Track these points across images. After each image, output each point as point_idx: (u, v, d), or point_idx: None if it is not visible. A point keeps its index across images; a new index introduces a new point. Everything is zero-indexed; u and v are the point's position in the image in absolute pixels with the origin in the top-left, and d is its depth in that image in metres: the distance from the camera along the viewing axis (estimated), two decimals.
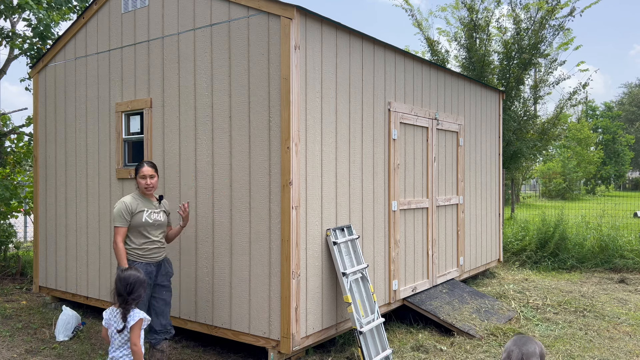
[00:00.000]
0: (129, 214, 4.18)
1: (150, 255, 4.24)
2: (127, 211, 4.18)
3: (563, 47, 13.44)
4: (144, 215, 4.22)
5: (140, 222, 4.20)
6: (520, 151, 13.39)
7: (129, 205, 4.20)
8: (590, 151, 34.49)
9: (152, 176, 4.31)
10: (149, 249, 4.22)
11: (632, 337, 5.51)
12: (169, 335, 4.36)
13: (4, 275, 8.32)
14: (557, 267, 9.43)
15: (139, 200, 4.27)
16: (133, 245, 4.20)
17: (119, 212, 4.18)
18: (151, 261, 4.24)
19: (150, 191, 4.33)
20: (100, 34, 5.99)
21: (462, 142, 7.27)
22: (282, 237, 4.43)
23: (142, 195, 4.33)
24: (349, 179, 5.13)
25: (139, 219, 4.20)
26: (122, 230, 4.17)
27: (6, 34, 9.29)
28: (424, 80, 6.45)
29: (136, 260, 4.18)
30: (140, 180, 4.29)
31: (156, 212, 4.33)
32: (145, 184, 4.28)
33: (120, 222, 4.16)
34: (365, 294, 4.97)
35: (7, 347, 5.24)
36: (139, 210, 4.21)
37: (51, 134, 6.63)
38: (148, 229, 4.23)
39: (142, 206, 4.25)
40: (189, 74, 5.11)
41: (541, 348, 4.25)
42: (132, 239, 4.21)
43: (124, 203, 4.21)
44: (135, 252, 4.19)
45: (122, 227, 4.17)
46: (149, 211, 4.27)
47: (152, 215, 4.28)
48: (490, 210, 8.37)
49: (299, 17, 4.45)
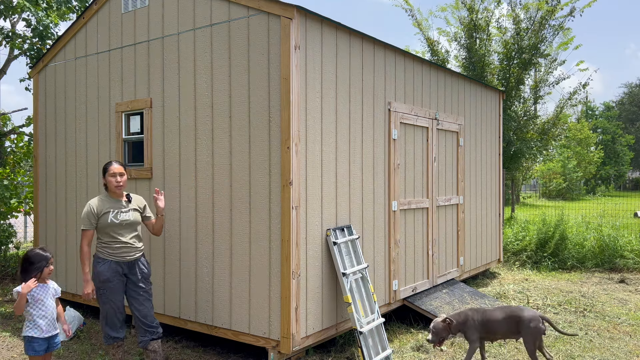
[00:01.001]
0: (95, 217, 4.19)
1: (119, 254, 4.24)
2: (93, 214, 4.19)
3: (563, 47, 13.45)
4: (110, 217, 4.22)
5: (106, 224, 4.20)
6: (520, 151, 13.39)
7: (94, 207, 4.21)
8: (590, 151, 34.49)
9: (121, 174, 4.31)
10: (116, 247, 4.22)
11: (632, 337, 5.51)
12: (157, 335, 4.36)
13: (4, 275, 8.32)
14: (557, 267, 9.43)
15: (105, 202, 4.26)
16: (103, 244, 4.24)
17: (84, 215, 4.20)
18: (120, 260, 4.24)
19: (120, 190, 4.31)
20: (100, 34, 5.99)
21: (462, 142, 7.27)
22: (282, 237, 4.43)
23: (110, 195, 4.32)
24: (349, 179, 5.13)
25: (104, 221, 4.20)
26: (88, 234, 4.20)
27: (6, 34, 9.29)
28: (424, 80, 6.45)
29: (106, 259, 4.21)
30: (110, 178, 4.27)
31: (124, 211, 4.30)
32: (116, 182, 4.26)
33: (85, 225, 4.19)
34: (365, 294, 4.97)
35: (7, 347, 5.24)
36: (105, 212, 4.21)
37: (51, 134, 6.63)
38: (115, 229, 4.22)
39: (109, 207, 4.24)
40: (189, 74, 5.11)
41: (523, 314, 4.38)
42: (101, 238, 4.25)
43: (90, 206, 4.23)
44: (105, 250, 4.23)
45: (87, 230, 4.20)
46: (115, 211, 4.25)
47: (120, 215, 4.26)
48: (490, 210, 8.37)
49: (299, 17, 4.45)
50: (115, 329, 4.29)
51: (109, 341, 4.33)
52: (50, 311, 3.81)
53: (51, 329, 3.81)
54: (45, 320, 3.77)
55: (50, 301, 3.82)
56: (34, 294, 3.76)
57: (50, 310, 3.81)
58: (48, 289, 3.85)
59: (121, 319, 4.32)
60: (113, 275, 4.19)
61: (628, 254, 9.27)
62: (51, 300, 3.84)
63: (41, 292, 3.79)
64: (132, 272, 4.31)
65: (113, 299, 4.21)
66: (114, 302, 4.22)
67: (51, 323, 3.82)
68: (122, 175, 4.31)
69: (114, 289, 4.21)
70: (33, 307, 3.75)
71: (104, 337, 4.34)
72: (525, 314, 4.36)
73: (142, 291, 4.34)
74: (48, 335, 3.79)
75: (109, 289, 4.19)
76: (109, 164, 4.33)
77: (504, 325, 4.36)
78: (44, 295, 3.80)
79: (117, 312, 4.27)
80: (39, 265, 3.76)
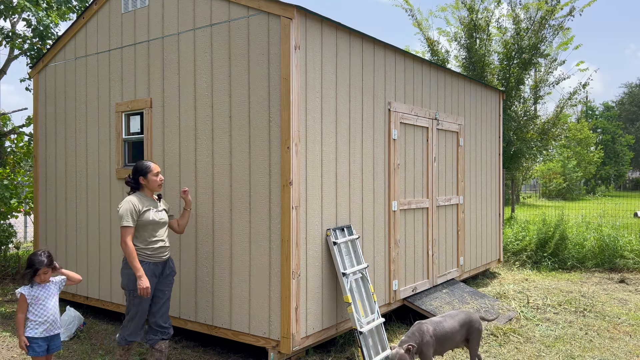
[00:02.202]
0: (137, 213, 4.12)
1: (158, 254, 4.22)
2: (135, 210, 4.12)
3: (563, 47, 13.45)
4: (151, 214, 4.19)
5: (148, 221, 4.16)
6: (520, 151, 13.39)
7: (136, 204, 4.14)
8: (590, 151, 34.49)
9: (160, 172, 4.38)
10: (155, 248, 4.19)
11: (632, 337, 5.51)
12: (167, 336, 4.34)
13: (4, 275, 8.32)
14: (557, 267, 9.43)
15: (143, 200, 4.24)
16: (141, 246, 4.16)
17: (126, 212, 4.09)
18: (158, 261, 4.22)
19: (161, 188, 4.36)
20: (100, 34, 5.99)
21: (462, 142, 7.27)
22: (282, 237, 4.43)
23: (146, 194, 4.31)
24: (349, 179, 5.13)
25: (146, 218, 4.16)
26: (131, 230, 4.09)
27: (6, 34, 9.29)
28: (424, 80, 6.45)
29: (144, 260, 4.13)
30: (154, 177, 4.27)
31: (159, 210, 4.33)
32: (160, 180, 4.31)
33: (127, 221, 4.08)
34: (365, 294, 4.97)
35: (7, 347, 5.24)
36: (146, 209, 4.18)
37: (51, 134, 6.63)
38: (155, 227, 4.21)
39: (148, 205, 4.23)
40: (189, 74, 5.11)
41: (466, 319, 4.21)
42: (139, 238, 4.17)
43: (131, 202, 4.14)
44: (143, 252, 4.15)
45: (131, 227, 4.09)
46: (154, 210, 4.25)
47: (157, 214, 4.27)
48: (490, 210, 8.37)
49: (299, 17, 4.45)
50: (137, 332, 4.23)
51: (122, 342, 4.24)
52: (50, 312, 3.80)
53: (52, 330, 3.81)
54: (45, 321, 3.77)
55: (51, 302, 3.81)
56: (34, 294, 3.76)
57: (50, 311, 3.80)
58: (49, 288, 3.84)
59: (143, 323, 4.27)
60: (151, 278, 4.12)
61: (628, 254, 9.27)
62: (52, 300, 3.83)
63: (41, 293, 3.79)
64: (163, 272, 4.30)
65: (144, 304, 4.16)
66: (144, 307, 4.16)
67: (52, 324, 3.81)
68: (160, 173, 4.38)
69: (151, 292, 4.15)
70: (34, 307, 3.75)
71: (119, 337, 4.26)
72: (474, 318, 4.26)
73: (167, 291, 4.32)
74: (48, 335, 3.79)
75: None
76: (147, 163, 4.30)
77: (458, 334, 4.17)
78: (45, 295, 3.79)
79: (144, 316, 4.22)
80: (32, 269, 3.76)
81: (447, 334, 4.09)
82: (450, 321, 4.17)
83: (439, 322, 4.14)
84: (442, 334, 4.07)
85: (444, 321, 4.16)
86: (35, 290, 3.78)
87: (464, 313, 4.29)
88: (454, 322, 4.16)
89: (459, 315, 4.25)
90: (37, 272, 3.76)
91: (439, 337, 4.05)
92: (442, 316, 4.27)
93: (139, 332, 4.27)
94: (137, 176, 4.29)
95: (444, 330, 4.09)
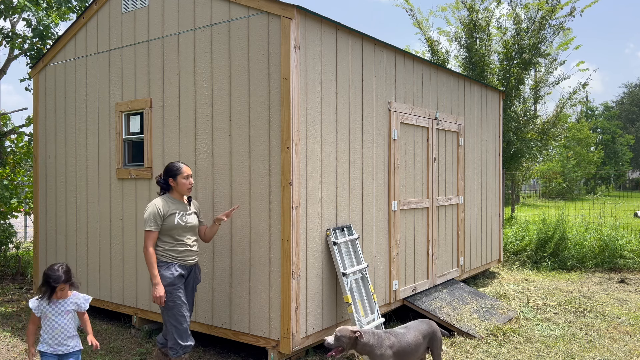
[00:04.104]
0: (161, 218, 4.04)
1: (184, 257, 4.14)
2: (159, 214, 4.03)
3: (563, 47, 13.45)
4: (176, 218, 4.10)
5: (172, 225, 4.07)
6: (520, 151, 13.39)
7: (161, 208, 4.06)
8: (590, 151, 34.49)
9: (191, 175, 4.27)
10: (180, 251, 4.11)
11: (632, 337, 5.51)
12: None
13: (4, 275, 8.32)
14: (557, 267, 9.43)
15: (170, 203, 4.15)
16: (166, 247, 4.08)
17: (150, 216, 4.02)
18: (184, 264, 4.13)
19: (191, 191, 4.25)
20: (100, 34, 5.99)
21: (462, 142, 7.27)
22: (282, 237, 4.43)
23: (174, 197, 4.22)
24: (349, 179, 5.13)
25: (171, 222, 4.07)
26: (153, 235, 4.02)
27: (6, 34, 9.29)
28: (424, 80, 6.45)
29: (169, 262, 4.07)
30: (184, 180, 4.16)
31: (188, 214, 4.21)
32: (190, 183, 4.20)
33: (151, 225, 4.01)
34: (366, 294, 4.97)
35: (7, 347, 5.24)
36: (171, 213, 4.09)
37: (51, 134, 6.63)
38: (180, 231, 4.11)
39: (174, 208, 4.13)
40: (189, 74, 5.11)
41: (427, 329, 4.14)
42: (164, 241, 4.10)
43: (156, 206, 4.05)
44: (169, 254, 4.08)
45: (153, 232, 4.01)
46: (180, 213, 4.14)
47: (184, 218, 4.16)
48: (490, 210, 8.37)
49: (299, 17, 4.45)
50: (186, 336, 4.07)
51: (178, 352, 4.04)
52: (59, 329, 3.59)
53: (62, 346, 3.61)
54: (52, 337, 3.59)
55: (61, 318, 3.60)
56: (43, 309, 3.58)
57: (59, 327, 3.59)
58: (62, 305, 3.62)
59: (188, 325, 4.11)
60: (178, 278, 4.06)
61: (628, 254, 9.27)
62: (63, 318, 3.61)
63: (50, 310, 3.59)
64: (188, 278, 4.22)
65: (180, 302, 4.03)
66: (180, 306, 4.03)
67: (61, 340, 3.61)
68: (191, 176, 4.27)
69: (181, 291, 4.06)
70: (43, 322, 3.61)
71: (170, 349, 4.05)
72: (435, 327, 4.16)
73: (189, 299, 4.24)
74: (59, 352, 3.60)
75: (175, 292, 4.02)
76: (178, 165, 4.20)
77: (422, 346, 4.04)
78: (54, 312, 3.59)
79: (187, 315, 4.09)
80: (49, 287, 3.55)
81: (410, 346, 3.94)
82: (413, 333, 4.03)
83: (402, 333, 4.00)
84: (404, 346, 3.92)
85: (407, 333, 4.02)
86: (44, 304, 3.59)
87: (426, 323, 4.15)
88: (417, 334, 4.03)
89: (421, 325, 4.12)
90: (54, 290, 3.53)
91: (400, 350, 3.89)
92: (404, 327, 4.11)
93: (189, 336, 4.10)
94: (167, 177, 4.20)
95: (407, 342, 3.95)
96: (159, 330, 5.58)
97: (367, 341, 3.77)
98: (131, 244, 5.63)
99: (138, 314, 5.55)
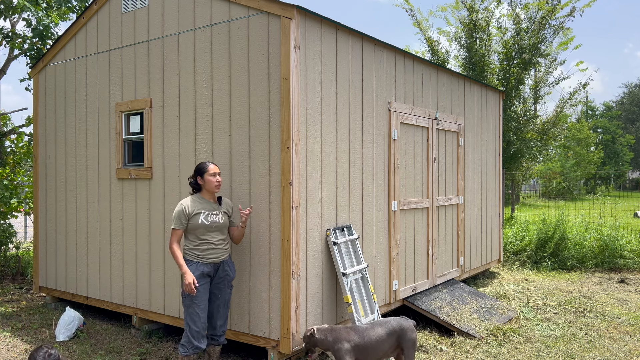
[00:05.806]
0: (186, 217, 4.13)
1: (207, 256, 4.17)
2: (185, 214, 4.13)
3: (563, 47, 13.45)
4: (200, 218, 4.15)
5: (196, 225, 4.14)
6: (520, 151, 13.39)
7: (186, 207, 4.15)
8: (590, 151, 34.48)
9: (219, 173, 4.31)
10: (203, 249, 4.16)
11: (632, 337, 5.51)
12: (216, 342, 4.34)
13: (4, 275, 8.32)
14: (557, 267, 9.43)
15: (198, 202, 4.21)
16: (191, 246, 4.18)
17: (176, 214, 4.15)
18: (208, 262, 4.17)
19: (219, 189, 4.30)
20: (100, 34, 5.99)
21: (462, 142, 7.27)
22: (282, 237, 4.43)
23: (203, 196, 4.27)
24: (349, 179, 5.13)
25: (195, 222, 4.14)
26: (178, 233, 4.15)
27: (6, 34, 9.29)
28: (424, 80, 6.45)
29: (193, 260, 4.14)
30: (211, 178, 4.22)
31: (215, 213, 4.24)
32: (217, 181, 4.24)
33: (176, 224, 4.15)
34: (366, 294, 4.97)
35: (7, 347, 5.24)
36: (196, 213, 4.15)
37: (51, 134, 6.63)
38: (203, 230, 4.16)
39: (201, 208, 4.18)
40: (189, 74, 5.11)
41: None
42: (189, 239, 4.19)
43: (182, 205, 4.16)
44: (192, 252, 4.17)
45: (177, 230, 4.15)
46: (206, 213, 4.19)
47: (210, 217, 4.19)
48: (490, 210, 8.37)
49: (299, 17, 4.45)
50: (199, 337, 4.09)
51: (187, 351, 4.07)
52: None
53: None
54: None
55: None
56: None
57: None
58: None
59: (204, 327, 4.14)
60: (200, 277, 4.10)
61: (628, 254, 9.27)
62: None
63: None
64: (216, 274, 4.26)
65: (198, 302, 4.08)
66: (198, 305, 4.08)
67: None
68: (220, 174, 4.31)
69: (200, 290, 4.09)
70: None
71: (182, 346, 4.10)
72: (406, 325, 4.02)
73: (220, 295, 4.26)
74: None
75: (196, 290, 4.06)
76: (205, 163, 4.26)
77: (387, 343, 3.92)
78: None
79: (202, 317, 4.11)
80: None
81: (372, 342, 3.84)
82: (378, 329, 3.94)
83: (365, 330, 3.91)
84: (363, 345, 3.82)
85: (370, 329, 3.94)
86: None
87: (396, 321, 4.05)
88: (381, 331, 3.93)
89: (389, 323, 4.01)
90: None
91: (361, 348, 3.81)
92: (371, 323, 4.04)
93: (203, 338, 4.12)
94: (196, 176, 4.28)
95: (369, 338, 3.85)
96: (159, 331, 5.58)
97: (324, 337, 3.80)
98: (131, 244, 5.63)
99: (138, 314, 5.55)
